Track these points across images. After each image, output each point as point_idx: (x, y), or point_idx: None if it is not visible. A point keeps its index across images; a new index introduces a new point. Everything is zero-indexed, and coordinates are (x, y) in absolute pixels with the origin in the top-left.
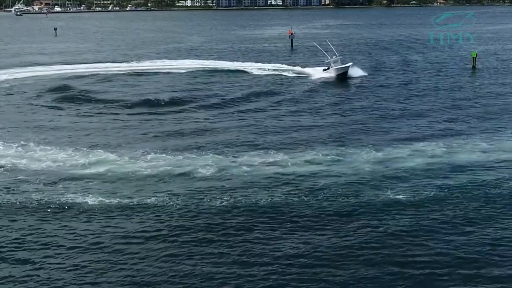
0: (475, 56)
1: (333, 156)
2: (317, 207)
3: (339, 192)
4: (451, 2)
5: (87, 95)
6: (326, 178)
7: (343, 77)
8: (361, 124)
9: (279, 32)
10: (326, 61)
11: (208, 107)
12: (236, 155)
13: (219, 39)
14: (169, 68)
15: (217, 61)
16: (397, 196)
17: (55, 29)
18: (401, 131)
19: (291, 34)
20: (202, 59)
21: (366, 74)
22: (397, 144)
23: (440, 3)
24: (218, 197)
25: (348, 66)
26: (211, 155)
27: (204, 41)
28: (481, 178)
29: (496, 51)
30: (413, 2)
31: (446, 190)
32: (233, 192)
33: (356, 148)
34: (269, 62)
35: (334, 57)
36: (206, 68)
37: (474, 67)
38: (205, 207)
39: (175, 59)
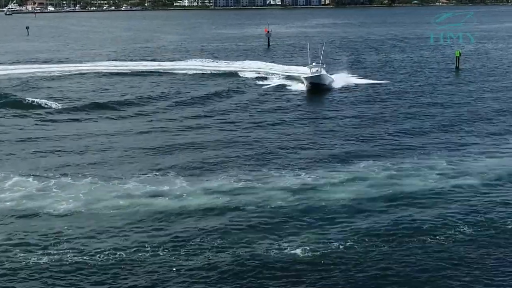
0: (458, 55)
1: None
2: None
3: None
4: (453, 1)
5: None
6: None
7: (315, 88)
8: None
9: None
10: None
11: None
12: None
13: (193, 38)
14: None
15: (165, 62)
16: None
17: (27, 28)
18: (344, 147)
19: (268, 32)
20: (159, 61)
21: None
22: (331, 165)
23: (443, 2)
24: None
25: (320, 76)
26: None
27: (176, 40)
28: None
29: (487, 51)
30: (415, 1)
31: (368, 237)
32: None
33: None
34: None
35: (314, 63)
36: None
37: (457, 67)
38: None
39: (127, 60)
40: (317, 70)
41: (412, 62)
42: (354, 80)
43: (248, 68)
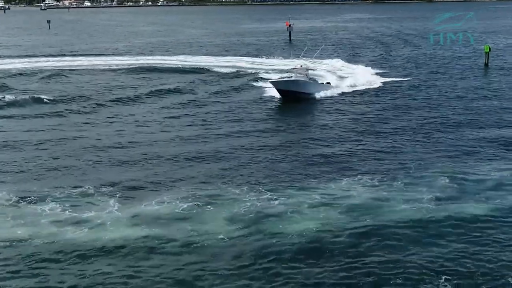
0: (488, 51)
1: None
2: None
3: None
4: None
5: None
6: None
7: (285, 96)
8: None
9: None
10: (290, 69)
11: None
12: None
13: (217, 33)
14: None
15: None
16: None
17: (48, 22)
18: (325, 159)
19: (289, 26)
20: (171, 55)
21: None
22: (304, 182)
23: None
24: None
25: (290, 82)
26: None
27: (198, 35)
28: None
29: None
30: None
31: None
32: None
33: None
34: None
35: (299, 65)
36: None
37: (486, 64)
38: None
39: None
40: (299, 74)
41: (440, 58)
42: (370, 76)
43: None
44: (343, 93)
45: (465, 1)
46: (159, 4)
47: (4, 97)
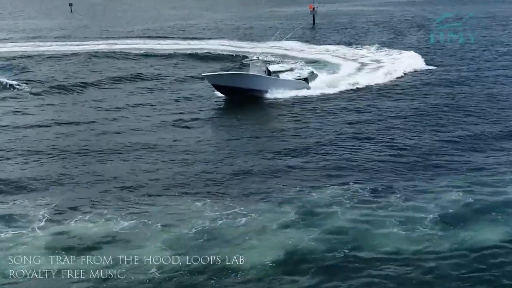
0: None
1: None
2: None
3: None
4: None
5: None
6: None
7: (226, 93)
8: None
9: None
10: (245, 61)
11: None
12: None
13: (240, 17)
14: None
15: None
16: None
17: (70, 5)
18: (308, 158)
19: (313, 9)
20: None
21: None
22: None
23: None
24: None
25: (226, 75)
26: None
27: (218, 19)
28: None
29: None
30: None
31: None
32: None
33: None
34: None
35: (255, 57)
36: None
37: None
38: None
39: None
40: (255, 67)
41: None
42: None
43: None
44: (320, 95)
45: None
46: None
47: None
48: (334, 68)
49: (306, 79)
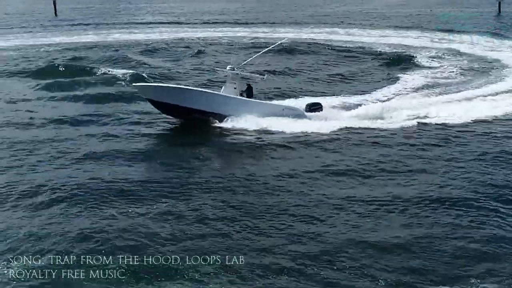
0: None
1: None
2: None
3: None
4: None
5: None
6: None
7: (166, 111)
8: None
9: None
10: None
11: None
12: None
13: None
14: None
15: None
16: None
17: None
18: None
19: None
20: None
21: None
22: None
23: None
24: None
25: (174, 90)
26: None
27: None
28: None
29: None
30: None
31: None
32: None
33: None
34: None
35: (228, 67)
36: None
37: None
38: None
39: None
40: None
41: None
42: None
43: None
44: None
45: None
46: None
47: None
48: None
49: (317, 107)
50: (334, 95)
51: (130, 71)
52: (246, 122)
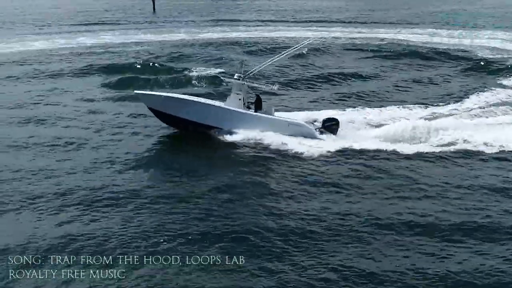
0: None
1: None
2: None
3: None
4: None
5: None
6: None
7: (167, 121)
8: None
9: None
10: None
11: None
12: None
13: None
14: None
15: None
16: None
17: None
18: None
19: None
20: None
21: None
22: None
23: None
24: None
25: (176, 100)
26: None
27: None
28: None
29: None
30: None
31: None
32: None
33: None
34: None
35: (236, 76)
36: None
37: None
38: None
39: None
40: (236, 94)
41: None
42: None
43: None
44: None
45: None
46: None
47: None
48: None
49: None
50: (381, 106)
51: (218, 70)
52: (244, 135)
